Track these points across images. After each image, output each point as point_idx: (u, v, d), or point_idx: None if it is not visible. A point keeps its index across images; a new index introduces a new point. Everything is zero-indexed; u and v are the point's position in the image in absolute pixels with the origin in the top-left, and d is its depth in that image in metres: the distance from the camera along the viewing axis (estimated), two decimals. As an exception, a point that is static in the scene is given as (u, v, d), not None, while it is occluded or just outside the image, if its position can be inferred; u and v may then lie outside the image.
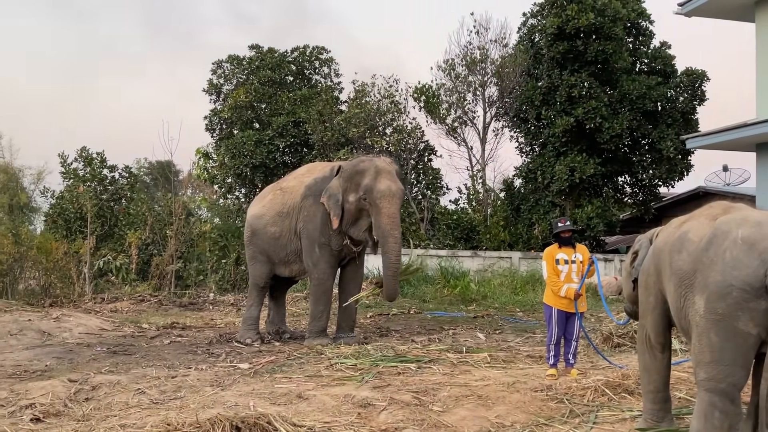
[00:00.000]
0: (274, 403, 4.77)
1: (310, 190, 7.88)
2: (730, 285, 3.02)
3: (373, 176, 7.44)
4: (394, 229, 7.36)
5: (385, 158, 8.10)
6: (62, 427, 4.20)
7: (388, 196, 7.35)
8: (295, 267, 8.09)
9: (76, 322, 8.76)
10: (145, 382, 5.56)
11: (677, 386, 4.77)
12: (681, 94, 17.23)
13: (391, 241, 7.33)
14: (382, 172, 7.49)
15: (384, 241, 7.36)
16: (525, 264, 15.68)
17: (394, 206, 7.41)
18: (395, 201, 7.43)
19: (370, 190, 7.37)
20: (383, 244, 7.39)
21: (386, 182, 7.42)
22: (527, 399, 4.83)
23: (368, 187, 7.39)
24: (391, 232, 7.32)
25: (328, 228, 7.66)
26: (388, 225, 7.32)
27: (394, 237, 7.34)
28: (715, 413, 3.12)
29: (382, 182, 7.41)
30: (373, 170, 7.49)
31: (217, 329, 9.15)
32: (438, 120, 17.92)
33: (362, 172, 7.53)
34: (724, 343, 3.06)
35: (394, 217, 7.38)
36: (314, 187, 7.85)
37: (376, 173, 7.46)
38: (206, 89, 20.62)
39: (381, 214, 7.33)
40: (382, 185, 7.38)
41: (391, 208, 7.35)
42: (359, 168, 7.60)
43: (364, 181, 7.44)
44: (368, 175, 7.47)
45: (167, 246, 14.77)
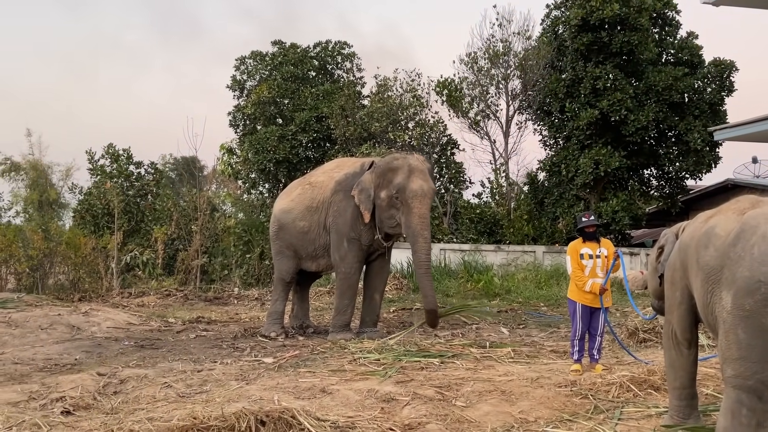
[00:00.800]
0: (298, 397, 4.81)
1: (340, 185, 7.92)
2: (758, 281, 2.96)
3: (406, 175, 7.49)
4: (424, 229, 7.42)
5: (419, 156, 8.14)
6: (92, 419, 4.28)
7: (420, 195, 7.41)
8: (323, 262, 8.14)
9: (105, 316, 8.92)
10: (171, 375, 5.64)
11: (704, 383, 4.71)
12: (708, 85, 16.91)
13: (421, 241, 7.39)
14: (414, 171, 7.54)
15: (414, 240, 7.42)
16: (549, 258, 15.56)
17: (425, 206, 7.48)
18: (426, 201, 7.50)
19: (403, 189, 7.43)
20: (413, 243, 7.46)
21: (419, 182, 7.47)
22: (551, 394, 4.81)
23: (401, 186, 7.44)
24: (421, 233, 7.38)
25: (358, 223, 7.70)
26: (419, 225, 7.37)
27: (423, 237, 7.40)
28: (742, 410, 3.06)
29: (414, 181, 7.45)
30: (407, 168, 7.54)
31: (241, 323, 9.24)
32: (460, 114, 17.84)
33: (395, 169, 7.58)
34: (752, 340, 3.00)
35: (424, 217, 7.45)
36: (345, 182, 7.90)
37: (409, 172, 7.51)
38: (230, 85, 20.79)
39: (412, 214, 7.38)
40: (414, 185, 7.43)
41: (422, 209, 7.42)
42: (392, 165, 7.65)
43: (397, 179, 7.49)
44: (401, 173, 7.52)
45: (192, 241, 14.95)
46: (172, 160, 32.77)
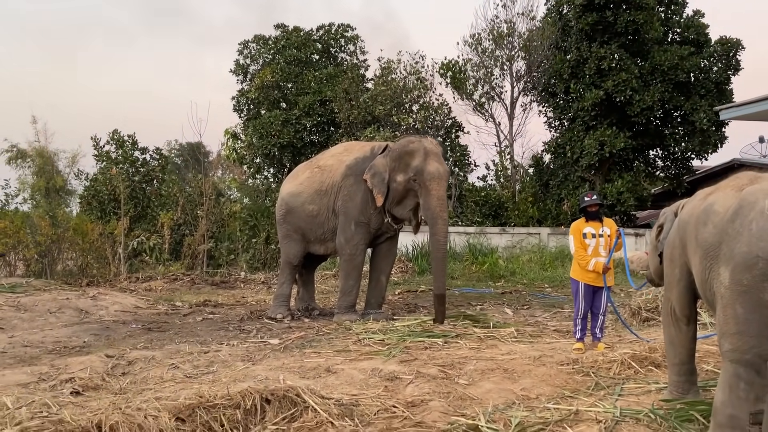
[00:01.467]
0: (304, 376, 4.88)
1: (351, 169, 7.95)
2: (756, 256, 2.97)
3: (423, 158, 7.54)
4: (443, 211, 7.48)
5: (432, 139, 8.19)
6: (101, 399, 4.35)
7: (437, 178, 7.46)
8: (331, 245, 8.19)
9: (112, 300, 9.02)
10: (178, 357, 5.72)
11: (705, 359, 4.75)
12: (715, 64, 16.77)
13: (440, 223, 7.45)
14: (431, 154, 7.60)
15: (433, 222, 7.47)
16: (554, 240, 15.58)
17: (443, 188, 7.55)
18: (443, 183, 7.56)
19: (421, 172, 7.48)
20: (432, 225, 7.50)
21: (435, 164, 7.53)
22: (553, 372, 4.86)
23: (419, 169, 7.49)
24: (441, 215, 7.44)
25: (369, 207, 7.75)
26: (438, 207, 7.43)
27: (443, 219, 7.46)
28: (740, 384, 3.09)
29: (431, 164, 7.51)
30: (423, 152, 7.59)
31: (248, 306, 9.33)
32: (465, 96, 17.78)
33: (412, 153, 7.63)
34: (750, 314, 3.02)
35: (443, 199, 7.51)
36: (355, 166, 7.93)
37: (425, 155, 7.57)
38: (233, 70, 20.75)
39: (431, 196, 7.44)
40: (431, 167, 7.48)
41: (440, 191, 7.48)
42: (409, 149, 7.69)
43: (414, 162, 7.54)
44: (418, 156, 7.57)
45: (198, 226, 15.02)
46: (177, 146, 32.81)
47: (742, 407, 3.09)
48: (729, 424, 3.09)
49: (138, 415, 3.56)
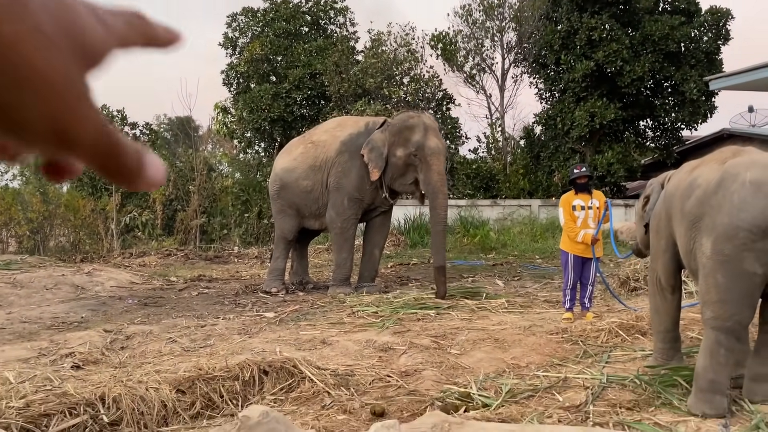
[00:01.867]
0: (299, 348, 4.98)
1: (345, 145, 7.98)
2: (737, 227, 3.08)
3: (423, 133, 7.63)
4: (443, 185, 7.61)
5: (429, 115, 8.31)
6: (101, 373, 4.44)
7: (437, 153, 7.58)
8: (325, 220, 8.27)
9: (107, 276, 9.08)
10: (176, 331, 5.81)
11: (690, 327, 4.89)
12: (705, 33, 16.77)
13: (441, 197, 7.55)
14: (430, 129, 7.70)
15: (434, 196, 7.56)
16: (545, 212, 15.71)
17: (442, 163, 7.66)
18: (442, 158, 7.68)
19: (422, 147, 7.56)
20: (433, 199, 7.59)
21: (435, 140, 7.64)
22: (543, 341, 4.99)
23: (419, 144, 7.57)
24: (441, 189, 7.55)
25: (365, 183, 7.81)
26: (438, 182, 7.53)
27: (443, 193, 7.57)
28: (720, 350, 3.22)
29: (431, 139, 7.61)
30: (423, 127, 7.68)
31: (242, 281, 9.42)
32: (456, 68, 17.72)
33: (412, 128, 7.70)
34: (730, 283, 3.14)
35: (442, 174, 7.62)
36: (350, 142, 7.96)
37: (425, 130, 7.65)
38: (222, 43, 20.52)
39: (432, 171, 7.53)
40: (432, 142, 7.59)
41: (440, 166, 7.59)
42: (409, 124, 7.76)
43: (415, 137, 7.62)
44: (418, 131, 7.65)
45: (191, 201, 15.05)
46: (166, 121, 32.57)
47: (722, 372, 3.23)
48: (710, 388, 3.23)
49: (139, 387, 3.66)
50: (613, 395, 3.61)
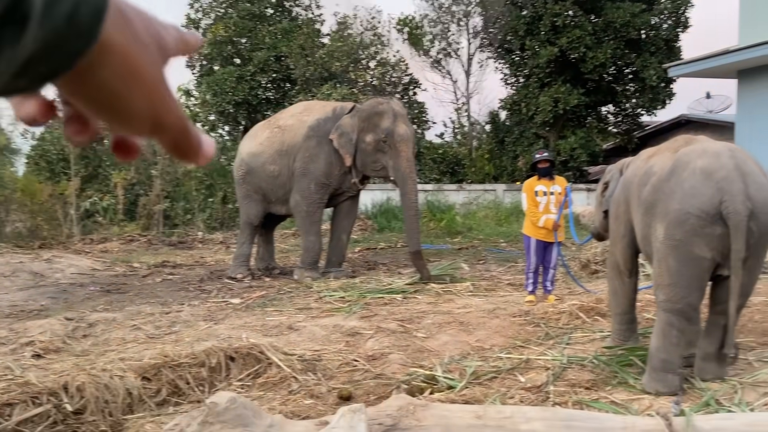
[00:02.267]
0: (266, 334, 4.99)
1: (313, 130, 7.93)
2: (687, 212, 3.20)
3: (392, 119, 7.66)
4: (413, 171, 7.67)
5: (397, 101, 8.33)
6: (63, 362, 4.38)
7: (406, 139, 7.63)
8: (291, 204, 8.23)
9: (68, 263, 8.90)
10: (140, 318, 5.75)
11: (646, 308, 5.05)
12: (665, 21, 17.10)
13: (410, 183, 7.60)
14: (399, 116, 7.73)
15: (404, 182, 7.60)
16: (509, 196, 15.93)
17: (411, 149, 7.71)
18: (411, 144, 7.73)
19: (391, 133, 7.59)
20: (403, 185, 7.64)
21: (404, 126, 7.68)
22: (506, 324, 5.10)
23: (389, 130, 7.60)
24: (410, 175, 7.61)
25: (332, 168, 7.81)
26: (407, 168, 7.58)
27: (412, 179, 7.64)
28: (672, 331, 3.36)
29: (400, 126, 7.64)
30: (392, 113, 7.70)
31: (207, 267, 9.34)
32: (422, 52, 17.76)
33: (381, 114, 7.72)
34: (681, 267, 3.26)
35: (411, 160, 7.68)
36: (318, 127, 7.92)
37: (394, 116, 7.68)
38: (184, 24, 20.08)
39: (401, 158, 7.57)
40: (401, 129, 7.62)
41: (408, 152, 7.64)
42: (378, 110, 7.77)
43: (384, 124, 7.64)
44: (387, 117, 7.67)
45: (153, 186, 14.79)
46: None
47: (674, 352, 3.37)
48: (662, 368, 3.36)
49: (104, 375, 3.62)
50: (573, 375, 3.72)
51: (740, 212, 3.08)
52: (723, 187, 3.14)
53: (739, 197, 3.10)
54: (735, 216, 3.09)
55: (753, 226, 3.13)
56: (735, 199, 3.10)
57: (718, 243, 3.19)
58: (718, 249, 3.20)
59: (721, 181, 3.16)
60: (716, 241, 3.18)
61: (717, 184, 3.15)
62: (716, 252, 3.21)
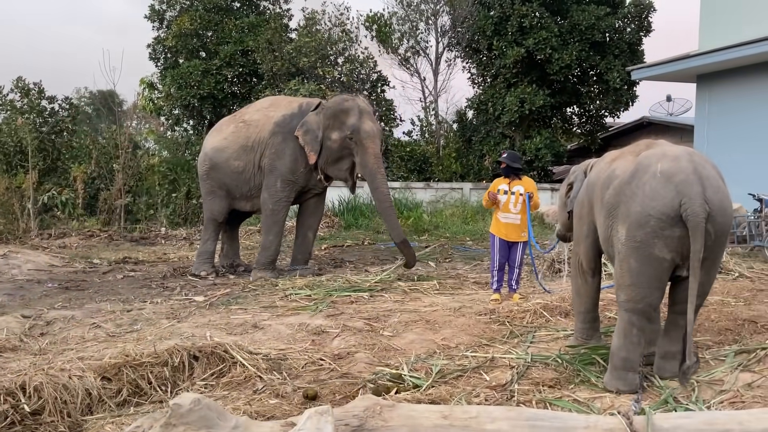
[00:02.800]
0: (231, 333, 4.93)
1: (279, 126, 7.84)
2: (648, 215, 3.27)
3: (358, 116, 7.61)
4: (380, 166, 7.67)
5: (363, 98, 8.33)
6: (20, 360, 4.26)
7: (373, 136, 7.60)
8: (257, 202, 8.11)
9: (25, 258, 8.64)
10: (100, 316, 5.63)
11: (608, 307, 5.15)
12: (628, 24, 17.44)
13: (380, 177, 7.60)
14: (365, 113, 7.70)
15: (372, 177, 7.59)
16: (476, 195, 16.05)
17: (378, 146, 7.69)
18: (378, 141, 7.71)
19: (357, 130, 7.55)
20: (372, 180, 7.62)
21: (370, 123, 7.65)
22: (472, 322, 5.14)
23: (355, 127, 7.56)
24: (379, 170, 7.61)
25: (298, 165, 7.74)
26: (375, 164, 7.58)
27: (381, 173, 7.63)
28: (633, 330, 3.44)
29: (367, 123, 7.61)
30: (357, 110, 7.66)
31: (170, 263, 9.17)
32: (390, 50, 17.74)
33: (347, 111, 7.67)
34: (642, 268, 3.34)
35: (379, 156, 7.67)
36: (284, 123, 7.83)
37: (360, 113, 7.64)
38: (148, 16, 19.68)
39: (368, 154, 7.55)
40: (367, 126, 7.59)
41: (376, 148, 7.62)
42: (344, 107, 7.72)
43: (350, 121, 7.59)
44: (353, 114, 7.62)
45: (114, 180, 14.45)
46: (87, 94, 31.06)
47: (635, 351, 3.45)
48: (623, 366, 3.44)
49: (62, 375, 3.53)
50: (537, 374, 3.78)
51: (698, 214, 3.17)
52: (682, 190, 3.22)
53: (697, 200, 3.19)
54: (694, 218, 3.17)
55: (710, 228, 3.22)
56: (693, 202, 3.18)
57: (678, 244, 3.27)
58: (678, 250, 3.29)
59: (680, 184, 3.24)
60: (676, 243, 3.27)
61: (676, 187, 3.24)
62: (675, 253, 3.30)
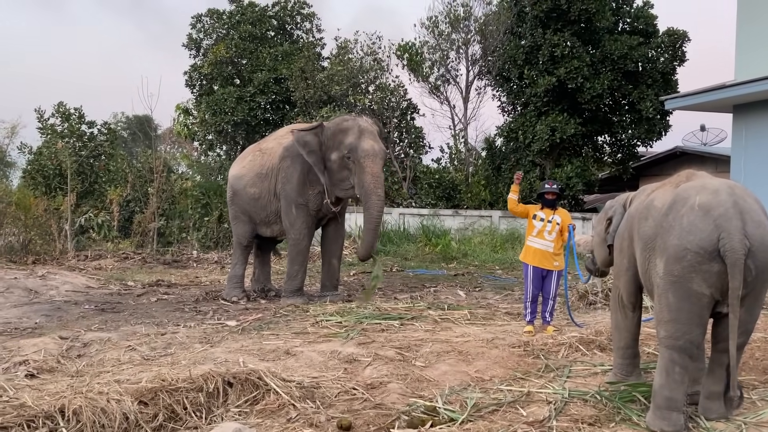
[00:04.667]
0: (263, 359, 4.93)
1: (287, 151, 7.92)
2: (685, 248, 3.20)
3: (356, 135, 7.49)
4: (378, 187, 7.42)
5: (368, 118, 8.20)
6: (57, 382, 4.31)
7: (372, 155, 7.41)
8: (276, 227, 8.18)
9: (62, 279, 8.82)
10: (135, 339, 5.69)
11: (646, 342, 5.03)
12: (662, 54, 17.32)
13: (374, 198, 7.40)
14: (365, 132, 7.55)
15: (367, 198, 7.42)
16: (505, 222, 15.95)
17: (377, 165, 7.48)
18: (378, 161, 7.49)
19: (355, 149, 7.43)
20: (366, 200, 7.45)
21: (370, 142, 7.48)
22: (505, 354, 5.06)
23: (352, 146, 7.44)
24: (375, 190, 7.39)
25: (306, 189, 7.75)
26: (372, 183, 7.38)
27: (377, 194, 7.41)
28: (675, 368, 3.34)
29: (365, 141, 7.46)
30: (357, 129, 7.54)
31: (202, 287, 9.27)
32: (421, 78, 17.87)
33: (345, 130, 7.57)
34: (681, 303, 3.26)
35: (377, 176, 7.45)
36: (292, 148, 7.86)
37: (359, 132, 7.52)
38: (185, 44, 20.23)
39: (365, 173, 7.39)
40: (366, 144, 7.44)
41: (374, 168, 7.42)
42: (342, 126, 7.64)
43: (348, 140, 7.48)
44: (352, 134, 7.51)
45: (149, 203, 14.74)
46: (124, 119, 31.86)
47: (678, 390, 3.34)
48: (667, 406, 3.34)
49: (100, 398, 3.57)
50: (575, 410, 3.69)
51: (737, 250, 3.09)
52: (721, 224, 3.15)
53: (736, 235, 3.11)
54: (732, 254, 3.09)
55: (750, 264, 3.13)
56: (732, 237, 3.11)
57: (717, 280, 3.19)
58: (717, 286, 3.20)
59: (719, 218, 3.17)
60: (714, 278, 3.18)
61: (715, 221, 3.17)
62: (715, 289, 3.21)
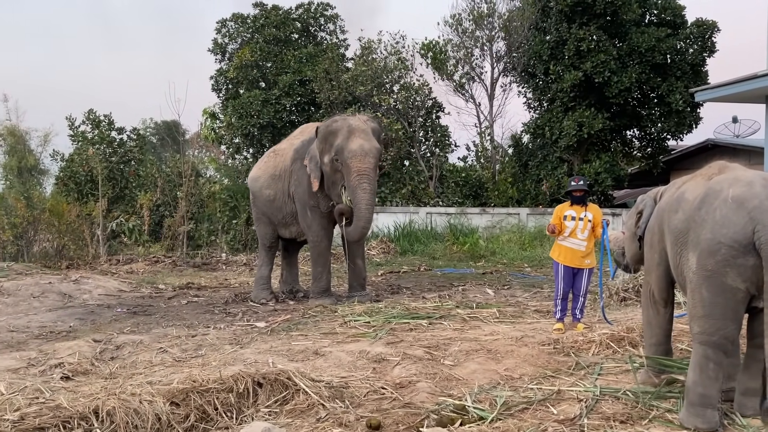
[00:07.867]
0: (292, 359, 4.97)
1: (297, 153, 7.93)
2: (719, 242, 3.12)
3: (345, 136, 7.29)
4: (363, 181, 7.13)
5: (362, 116, 7.95)
6: (92, 384, 4.40)
7: (360, 155, 7.17)
8: (294, 229, 8.20)
9: (95, 284, 9.00)
10: (166, 341, 5.77)
11: (679, 338, 4.94)
12: (691, 45, 16.95)
13: (359, 192, 7.12)
14: (355, 131, 7.32)
15: (353, 193, 7.19)
16: (533, 220, 15.80)
17: (365, 163, 7.16)
18: (367, 159, 7.19)
19: (341, 150, 7.23)
20: (353, 195, 7.20)
21: (358, 141, 7.24)
22: (535, 352, 5.01)
23: (339, 147, 7.25)
24: (360, 184, 7.12)
25: (315, 191, 7.68)
26: (357, 179, 7.11)
27: (362, 188, 7.12)
28: (709, 365, 3.26)
29: (353, 141, 7.24)
30: (346, 130, 7.34)
31: (231, 289, 9.38)
32: (445, 76, 17.80)
33: (335, 132, 7.39)
34: (715, 298, 3.18)
35: (363, 171, 7.15)
36: (301, 150, 7.87)
37: (348, 132, 7.31)
38: (211, 49, 20.48)
39: (351, 172, 7.18)
40: (353, 144, 7.22)
41: (361, 166, 7.14)
42: (332, 128, 7.45)
43: (336, 141, 7.32)
44: (340, 134, 7.33)
45: (178, 207, 14.95)
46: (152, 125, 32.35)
47: (712, 386, 3.26)
48: (701, 403, 3.26)
49: (133, 400, 3.63)
50: (607, 408, 3.64)
51: None
52: (755, 217, 3.07)
53: None
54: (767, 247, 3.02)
55: None
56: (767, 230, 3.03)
57: (752, 274, 3.11)
58: (752, 280, 3.12)
59: (754, 210, 3.09)
60: (750, 272, 3.10)
61: (749, 214, 3.09)
62: (750, 283, 3.13)
